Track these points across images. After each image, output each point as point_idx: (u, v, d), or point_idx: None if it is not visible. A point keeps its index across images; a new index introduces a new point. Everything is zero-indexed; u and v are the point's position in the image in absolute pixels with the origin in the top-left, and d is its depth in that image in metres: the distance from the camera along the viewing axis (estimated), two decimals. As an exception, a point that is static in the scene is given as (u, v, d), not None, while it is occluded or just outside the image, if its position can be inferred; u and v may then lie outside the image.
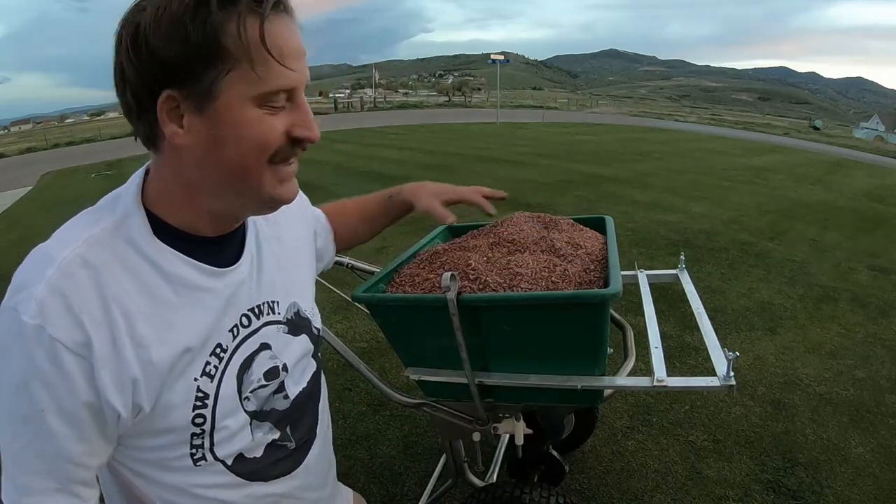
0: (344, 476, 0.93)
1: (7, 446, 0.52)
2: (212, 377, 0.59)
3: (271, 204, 0.59)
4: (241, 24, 0.48)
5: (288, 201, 0.59)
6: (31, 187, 10.64)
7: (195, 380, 0.58)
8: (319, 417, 0.77)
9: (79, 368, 0.50)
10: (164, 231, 0.56)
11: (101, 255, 0.52)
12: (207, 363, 0.59)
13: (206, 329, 0.59)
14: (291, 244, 0.75)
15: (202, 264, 0.59)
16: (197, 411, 0.58)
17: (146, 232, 0.55)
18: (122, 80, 0.51)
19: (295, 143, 0.55)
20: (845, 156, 13.71)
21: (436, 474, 1.67)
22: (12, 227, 6.75)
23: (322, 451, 0.77)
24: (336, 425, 2.14)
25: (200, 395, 0.58)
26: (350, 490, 0.95)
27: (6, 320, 0.50)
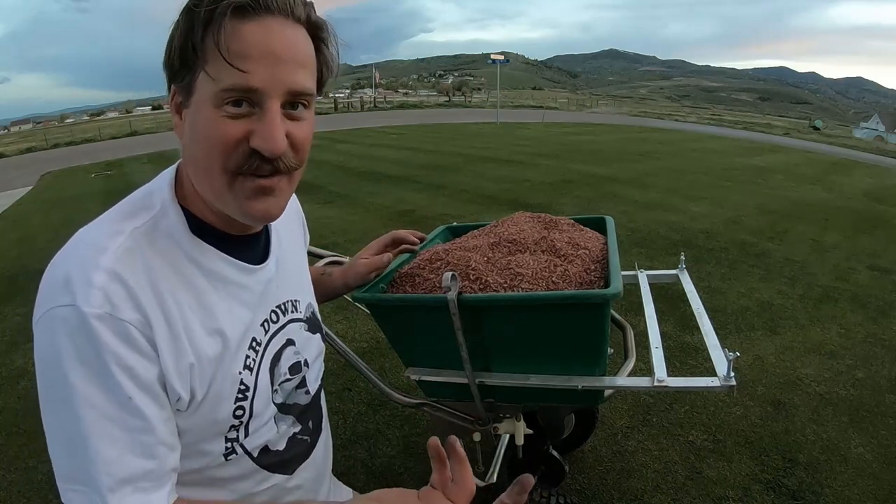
0: (344, 476, 0.94)
1: (91, 453, 0.48)
2: (251, 370, 0.62)
3: (244, 217, 0.57)
4: (203, 26, 0.50)
5: (259, 219, 0.58)
6: (31, 187, 10.62)
7: (239, 373, 0.60)
8: (323, 413, 0.81)
9: (149, 346, 0.51)
10: (198, 227, 0.58)
11: (147, 248, 0.54)
12: (247, 356, 0.61)
13: (244, 323, 0.61)
14: (298, 250, 0.79)
15: (236, 261, 0.61)
16: (238, 403, 0.60)
17: (183, 228, 0.57)
18: None
19: (255, 153, 0.52)
20: (845, 156, 13.70)
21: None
22: (12, 227, 6.73)
23: (325, 445, 0.81)
24: (336, 425, 2.15)
25: (242, 387, 0.60)
26: (349, 489, 0.95)
27: (63, 318, 0.48)
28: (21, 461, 2.05)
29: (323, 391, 0.82)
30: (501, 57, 22.64)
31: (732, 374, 0.88)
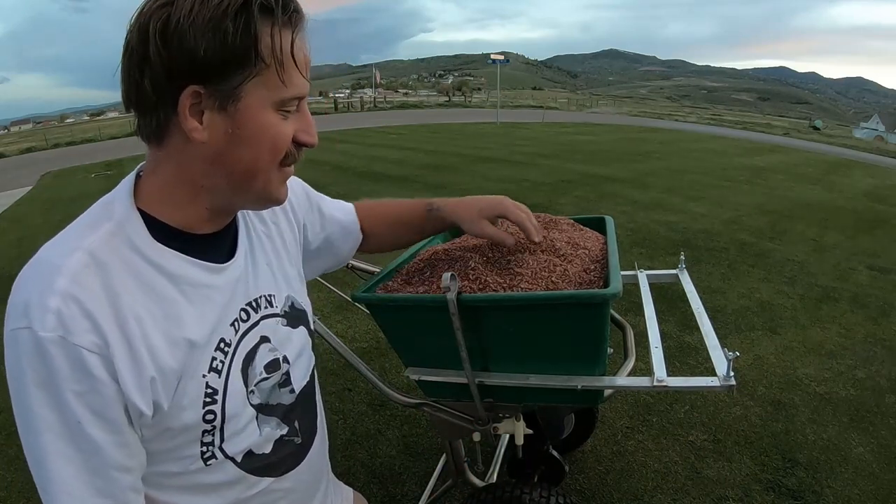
0: (344, 476, 0.94)
1: (50, 473, 0.51)
2: (219, 372, 0.60)
3: (269, 203, 0.63)
4: (277, 33, 0.52)
5: (283, 202, 0.64)
6: (31, 187, 10.62)
7: (203, 376, 0.58)
8: (318, 411, 0.79)
9: (105, 370, 0.50)
10: (160, 231, 0.57)
11: (105, 261, 0.52)
12: (214, 359, 0.60)
13: (211, 325, 0.60)
14: (280, 239, 0.76)
15: (202, 262, 0.60)
16: (207, 408, 0.59)
17: (144, 234, 0.56)
18: (141, 70, 0.50)
19: (299, 147, 0.60)
20: (845, 156, 13.71)
21: (436, 474, 1.67)
22: (12, 227, 6.73)
23: (321, 445, 0.79)
24: (336, 425, 2.14)
25: (209, 391, 0.59)
26: (350, 489, 0.95)
27: (21, 342, 0.49)
28: (21, 461, 2.04)
29: (317, 391, 0.80)
30: (501, 57, 22.64)
31: (732, 374, 0.88)
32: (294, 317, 0.73)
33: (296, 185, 0.82)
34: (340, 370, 2.51)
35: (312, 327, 0.79)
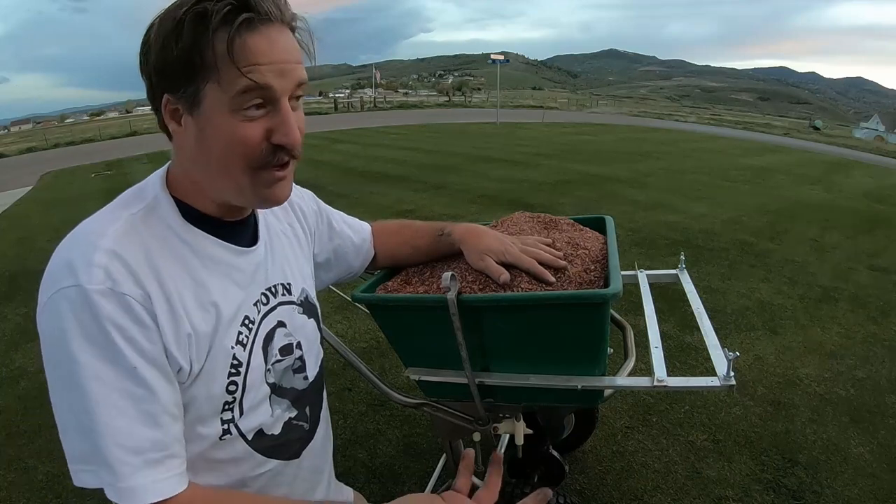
0: (344, 476, 0.94)
1: (99, 427, 0.50)
2: (244, 346, 0.64)
3: (262, 204, 0.63)
4: (213, 40, 0.52)
5: (277, 203, 0.63)
6: (31, 187, 10.61)
7: (231, 348, 0.62)
8: (324, 405, 0.82)
9: (150, 318, 0.53)
10: (190, 214, 0.62)
11: (143, 230, 0.57)
12: (240, 332, 0.63)
13: (237, 301, 0.64)
14: (295, 238, 0.80)
15: (227, 243, 0.64)
16: (231, 378, 0.62)
17: (175, 214, 0.60)
18: (144, 80, 0.58)
19: (277, 148, 0.57)
20: (845, 156, 13.70)
21: (436, 474, 1.67)
22: (12, 227, 6.73)
23: (325, 438, 0.82)
24: (336, 425, 2.14)
25: (235, 362, 0.62)
26: (350, 489, 0.95)
27: (68, 299, 0.50)
28: (21, 461, 2.05)
29: (325, 385, 0.83)
30: (501, 57, 22.62)
31: (732, 373, 0.88)
32: (308, 308, 0.77)
33: (308, 198, 0.87)
34: (340, 370, 2.51)
35: (321, 323, 0.82)
